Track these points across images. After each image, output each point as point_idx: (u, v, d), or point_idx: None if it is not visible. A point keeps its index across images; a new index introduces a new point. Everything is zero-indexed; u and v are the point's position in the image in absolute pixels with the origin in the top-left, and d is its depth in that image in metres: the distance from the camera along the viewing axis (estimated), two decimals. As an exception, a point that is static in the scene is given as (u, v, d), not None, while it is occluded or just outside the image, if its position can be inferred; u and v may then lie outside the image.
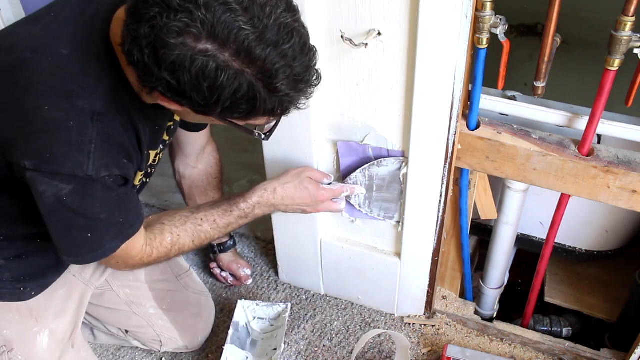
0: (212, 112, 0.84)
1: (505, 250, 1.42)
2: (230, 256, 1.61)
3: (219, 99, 0.80)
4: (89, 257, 0.99)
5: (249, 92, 0.80)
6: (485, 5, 0.97)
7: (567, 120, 1.12)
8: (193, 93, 0.80)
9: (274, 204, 1.20)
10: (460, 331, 1.50)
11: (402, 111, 1.15)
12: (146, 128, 1.01)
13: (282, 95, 0.83)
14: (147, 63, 0.78)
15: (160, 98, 0.86)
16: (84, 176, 0.88)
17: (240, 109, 0.83)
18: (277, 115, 0.89)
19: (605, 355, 1.37)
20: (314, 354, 1.46)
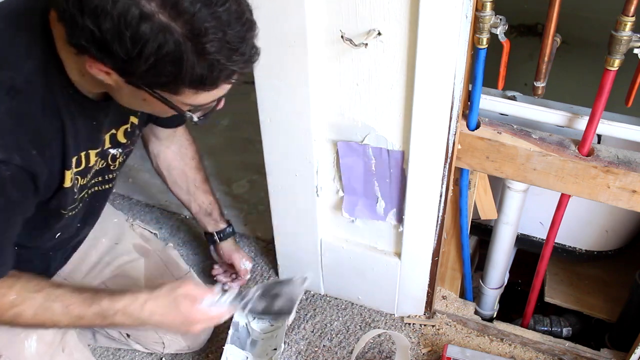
0: (136, 73, 0.79)
1: (505, 250, 1.42)
2: (231, 245, 1.54)
3: (141, 52, 0.75)
4: None
5: (175, 50, 0.75)
6: (485, 5, 0.98)
7: (567, 120, 1.12)
8: (116, 44, 0.75)
9: (141, 319, 1.04)
10: (460, 331, 1.50)
11: (402, 111, 1.15)
12: (78, 122, 0.95)
13: (211, 60, 0.77)
14: (71, 10, 0.75)
15: (88, 60, 0.81)
16: None
17: (165, 71, 0.78)
18: (205, 87, 0.82)
19: (605, 355, 1.37)
20: (314, 354, 1.46)
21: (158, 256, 1.44)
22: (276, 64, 1.17)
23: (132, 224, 1.47)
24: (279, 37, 1.12)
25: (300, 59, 1.13)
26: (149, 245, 1.45)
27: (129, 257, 1.40)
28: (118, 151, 1.11)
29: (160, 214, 1.89)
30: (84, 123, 0.98)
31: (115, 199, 1.96)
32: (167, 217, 1.88)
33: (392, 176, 1.27)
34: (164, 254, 1.46)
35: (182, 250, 1.75)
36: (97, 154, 1.06)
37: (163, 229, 1.84)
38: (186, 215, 1.88)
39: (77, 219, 1.15)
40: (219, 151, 2.17)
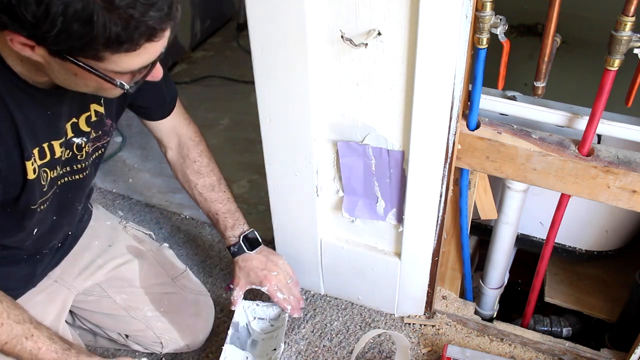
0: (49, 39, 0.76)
1: (505, 250, 1.42)
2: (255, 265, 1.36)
3: (47, 13, 0.72)
4: None
5: (84, 8, 0.73)
6: (485, 5, 0.98)
7: (567, 120, 1.12)
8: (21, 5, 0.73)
9: None
10: (460, 331, 1.50)
11: (402, 111, 1.15)
12: (30, 113, 0.94)
13: (124, 16, 0.75)
14: None
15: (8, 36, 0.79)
16: None
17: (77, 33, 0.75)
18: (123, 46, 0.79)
19: (605, 355, 1.37)
20: (314, 354, 1.46)
21: (152, 257, 1.44)
22: (276, 64, 1.17)
23: (125, 226, 1.46)
24: (279, 37, 1.12)
25: (300, 59, 1.13)
26: (143, 247, 1.44)
27: (123, 259, 1.39)
28: (83, 140, 1.09)
29: (160, 214, 1.89)
30: (37, 113, 0.96)
31: (115, 199, 1.96)
32: (167, 217, 1.88)
33: (392, 176, 1.27)
34: (158, 255, 1.46)
35: (182, 249, 1.75)
36: (61, 144, 1.05)
37: (163, 229, 1.84)
38: (186, 215, 1.88)
39: (50, 212, 1.13)
40: (219, 151, 2.16)
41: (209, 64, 2.75)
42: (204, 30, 2.86)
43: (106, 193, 1.98)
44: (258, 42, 1.15)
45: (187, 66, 2.74)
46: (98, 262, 1.36)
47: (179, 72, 2.68)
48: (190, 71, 2.70)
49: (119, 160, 2.13)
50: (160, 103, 1.30)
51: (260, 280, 1.36)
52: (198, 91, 2.55)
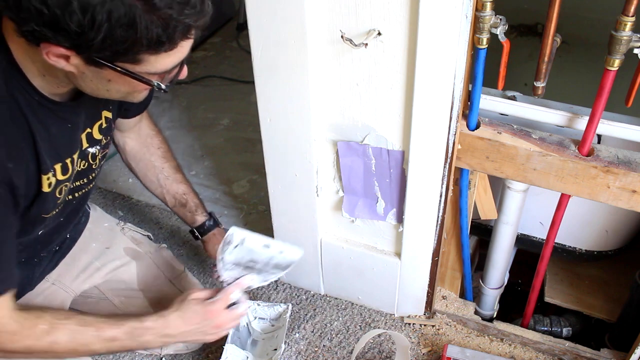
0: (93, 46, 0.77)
1: (505, 250, 1.42)
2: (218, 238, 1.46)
3: (93, 21, 0.74)
4: None
5: (127, 13, 0.74)
6: (485, 5, 0.98)
7: (567, 120, 1.12)
8: (66, 17, 0.73)
9: (168, 334, 1.12)
10: (460, 331, 1.50)
11: (402, 111, 1.15)
12: (49, 125, 0.95)
13: (164, 16, 0.77)
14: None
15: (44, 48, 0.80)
16: None
17: (121, 37, 0.76)
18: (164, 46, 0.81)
19: (605, 355, 1.37)
20: (314, 354, 1.46)
21: (150, 258, 1.43)
22: (276, 64, 1.17)
23: (122, 228, 1.46)
24: (279, 37, 1.12)
25: (300, 59, 1.13)
26: (141, 248, 1.44)
27: (120, 261, 1.39)
28: (96, 149, 1.10)
29: (160, 214, 1.89)
30: (58, 128, 0.97)
31: (115, 199, 1.96)
32: (167, 217, 1.88)
33: (392, 176, 1.27)
34: (156, 256, 1.45)
35: (181, 250, 1.75)
36: (78, 155, 1.06)
37: (163, 229, 1.84)
38: (186, 215, 1.88)
39: (60, 217, 1.14)
40: (219, 151, 2.17)
41: (209, 64, 2.75)
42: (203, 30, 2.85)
43: (106, 193, 1.98)
44: (258, 42, 1.15)
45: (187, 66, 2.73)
46: (96, 265, 1.36)
47: (179, 72, 2.68)
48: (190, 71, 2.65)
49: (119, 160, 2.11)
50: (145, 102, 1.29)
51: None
52: (198, 91, 2.55)
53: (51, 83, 0.92)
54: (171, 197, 1.43)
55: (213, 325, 1.15)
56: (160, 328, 1.11)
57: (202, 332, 1.16)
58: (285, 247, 1.25)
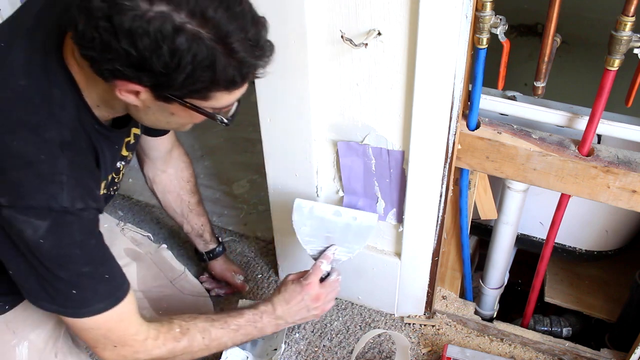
0: (173, 85, 0.81)
1: (505, 250, 1.42)
2: (222, 263, 1.60)
3: (179, 63, 0.77)
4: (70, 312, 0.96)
5: (209, 55, 0.78)
6: (485, 5, 0.98)
7: (567, 120, 1.12)
8: (153, 60, 0.77)
9: (278, 316, 1.20)
10: (460, 331, 1.50)
11: (402, 111, 1.15)
12: (105, 149, 1.00)
13: (240, 59, 0.81)
14: (104, 37, 0.76)
15: (119, 84, 0.83)
16: (60, 208, 0.87)
17: (202, 76, 0.80)
18: (237, 86, 0.86)
19: (605, 355, 1.37)
20: (314, 354, 1.46)
21: (150, 259, 1.43)
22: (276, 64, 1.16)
23: (122, 228, 1.46)
24: (279, 37, 1.11)
25: (300, 59, 1.13)
26: (141, 249, 1.44)
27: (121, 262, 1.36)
28: (122, 164, 1.14)
29: (160, 214, 1.89)
30: (109, 150, 1.02)
31: (115, 199, 1.96)
32: (167, 217, 1.87)
33: (392, 176, 1.28)
34: (156, 256, 1.45)
35: (181, 249, 1.75)
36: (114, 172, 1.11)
37: (163, 229, 1.84)
38: (186, 215, 1.88)
39: None
40: (219, 151, 2.17)
41: (209, 64, 2.75)
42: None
43: (106, 193, 1.98)
44: (258, 42, 1.15)
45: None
46: None
47: (179, 72, 2.68)
48: (190, 71, 2.69)
49: (119, 160, 2.12)
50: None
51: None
52: (198, 91, 2.54)
53: (105, 111, 0.96)
54: (189, 227, 1.53)
55: (312, 297, 1.21)
56: (271, 310, 1.19)
57: (305, 308, 1.21)
58: (357, 213, 1.28)
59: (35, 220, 0.86)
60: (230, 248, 1.76)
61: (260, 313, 1.19)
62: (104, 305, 0.97)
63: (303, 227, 1.27)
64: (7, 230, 0.89)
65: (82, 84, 0.91)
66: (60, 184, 0.87)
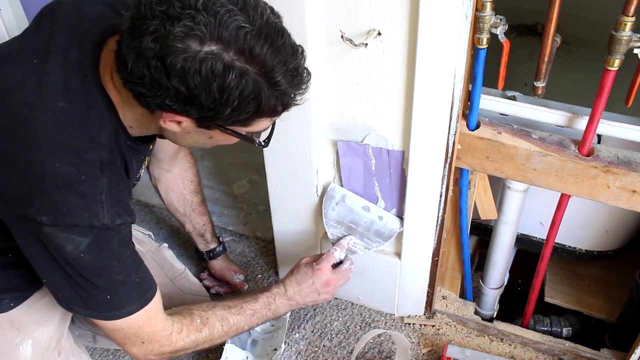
0: (219, 117, 0.85)
1: (505, 250, 1.42)
2: (222, 263, 1.62)
3: (228, 98, 0.81)
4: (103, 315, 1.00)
5: (254, 89, 0.82)
6: (485, 5, 0.98)
7: (567, 120, 1.12)
8: (202, 96, 0.80)
9: (289, 297, 1.26)
10: (460, 331, 1.50)
11: (402, 111, 1.15)
12: (133, 161, 1.03)
13: (282, 91, 0.85)
14: (154, 76, 0.79)
15: (164, 115, 0.87)
16: (101, 226, 0.91)
17: (247, 108, 0.84)
18: (278, 114, 0.90)
19: (605, 355, 1.37)
20: (314, 354, 1.46)
21: (152, 258, 1.44)
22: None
23: None
24: (279, 37, 1.12)
25: (300, 59, 1.13)
26: (142, 247, 1.44)
27: None
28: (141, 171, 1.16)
29: (161, 214, 1.89)
30: (137, 161, 1.06)
31: (115, 199, 1.95)
32: (167, 216, 1.88)
33: (392, 176, 1.28)
34: (157, 255, 1.46)
35: (182, 249, 1.75)
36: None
37: (163, 229, 1.84)
38: (186, 215, 1.88)
39: None
40: (219, 151, 2.17)
41: (209, 64, 2.75)
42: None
43: (106, 193, 1.98)
44: (258, 42, 1.15)
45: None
46: None
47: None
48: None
49: (119, 160, 2.13)
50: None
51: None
52: (198, 91, 2.54)
53: (137, 129, 0.99)
54: (191, 226, 1.55)
55: (322, 282, 1.26)
56: (283, 292, 1.26)
57: (315, 292, 1.27)
58: (385, 213, 1.33)
59: (78, 237, 0.90)
60: (230, 248, 1.76)
61: (274, 295, 1.25)
62: (135, 306, 1.01)
63: (331, 211, 1.32)
64: (45, 243, 0.92)
65: (119, 105, 0.94)
66: (101, 203, 0.91)
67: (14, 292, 1.15)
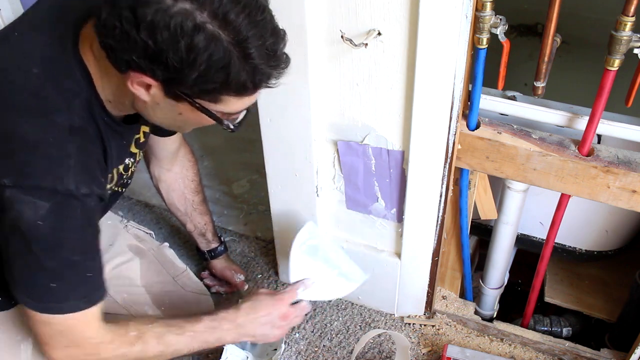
0: (185, 82, 0.82)
1: (505, 250, 1.42)
2: (223, 262, 1.61)
3: (195, 60, 0.79)
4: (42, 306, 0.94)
5: (224, 57, 0.80)
6: (485, 5, 0.98)
7: (567, 120, 1.12)
8: (169, 54, 0.78)
9: (239, 323, 1.17)
10: (460, 331, 1.50)
11: (402, 111, 1.15)
12: (112, 143, 1.00)
13: (255, 66, 0.82)
14: (125, 27, 0.78)
15: (132, 76, 0.84)
16: (65, 191, 0.87)
17: (215, 77, 0.81)
18: (248, 93, 0.87)
19: (605, 355, 1.37)
20: (314, 354, 1.46)
21: (153, 256, 1.44)
22: (276, 64, 1.17)
23: (126, 225, 1.47)
24: (279, 37, 1.12)
25: (300, 59, 1.13)
26: (144, 245, 1.45)
27: (124, 257, 1.40)
28: (131, 161, 1.14)
29: (161, 214, 1.89)
30: (116, 144, 1.03)
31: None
32: (167, 216, 1.88)
33: (392, 176, 1.28)
34: (159, 254, 1.46)
35: (182, 249, 1.75)
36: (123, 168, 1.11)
37: (163, 229, 1.84)
38: (186, 215, 1.88)
39: None
40: (219, 151, 2.17)
41: (209, 64, 2.75)
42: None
43: (106, 193, 1.98)
44: (258, 42, 1.15)
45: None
46: None
47: (179, 72, 2.68)
48: (190, 71, 2.69)
49: (119, 160, 2.13)
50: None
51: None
52: (198, 91, 2.54)
53: (115, 106, 0.97)
54: (192, 225, 1.54)
55: (280, 315, 1.20)
56: (233, 317, 1.16)
57: (270, 323, 1.19)
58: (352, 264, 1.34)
59: (39, 200, 0.86)
60: (230, 248, 1.76)
61: (219, 320, 1.15)
62: (78, 304, 0.96)
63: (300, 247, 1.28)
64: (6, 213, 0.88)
65: (96, 76, 0.92)
66: (67, 167, 0.88)
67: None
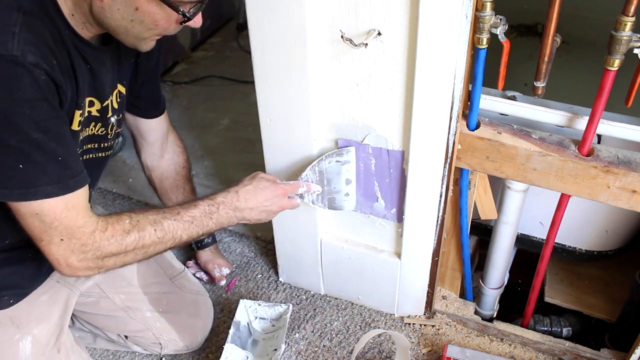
0: None
1: (505, 250, 1.42)
2: (208, 254, 1.62)
3: None
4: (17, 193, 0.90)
5: None
6: (485, 5, 0.98)
7: (567, 120, 1.12)
8: None
9: (238, 207, 1.15)
10: (460, 331, 1.50)
11: (402, 111, 1.15)
12: (82, 67, 0.99)
13: None
14: None
15: None
16: (9, 56, 0.84)
17: None
18: None
19: (605, 355, 1.37)
20: (314, 354, 1.46)
21: None
22: (276, 64, 1.17)
23: None
24: (279, 37, 1.12)
25: (300, 59, 1.13)
26: None
27: None
28: (114, 119, 1.13)
29: (160, 214, 1.89)
30: (97, 66, 1.01)
31: (115, 199, 1.96)
32: (167, 217, 1.88)
33: (392, 176, 1.28)
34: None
35: (181, 249, 1.75)
36: (98, 110, 1.08)
37: (163, 229, 1.84)
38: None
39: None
40: (219, 151, 2.17)
41: (209, 64, 2.75)
42: (204, 30, 2.86)
43: (106, 193, 1.98)
44: (258, 42, 1.15)
45: (187, 66, 2.74)
46: None
47: (178, 72, 2.68)
48: (190, 71, 2.70)
49: (119, 160, 2.13)
50: (157, 99, 1.37)
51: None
52: (198, 91, 2.55)
53: (78, 23, 0.96)
54: None
55: (278, 204, 1.19)
56: (232, 201, 1.14)
57: (266, 210, 1.18)
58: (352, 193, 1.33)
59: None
60: (230, 248, 1.76)
61: (217, 204, 1.13)
62: (52, 189, 0.92)
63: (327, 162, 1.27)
64: None
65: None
66: (12, 34, 0.86)
67: (14, 289, 1.15)
